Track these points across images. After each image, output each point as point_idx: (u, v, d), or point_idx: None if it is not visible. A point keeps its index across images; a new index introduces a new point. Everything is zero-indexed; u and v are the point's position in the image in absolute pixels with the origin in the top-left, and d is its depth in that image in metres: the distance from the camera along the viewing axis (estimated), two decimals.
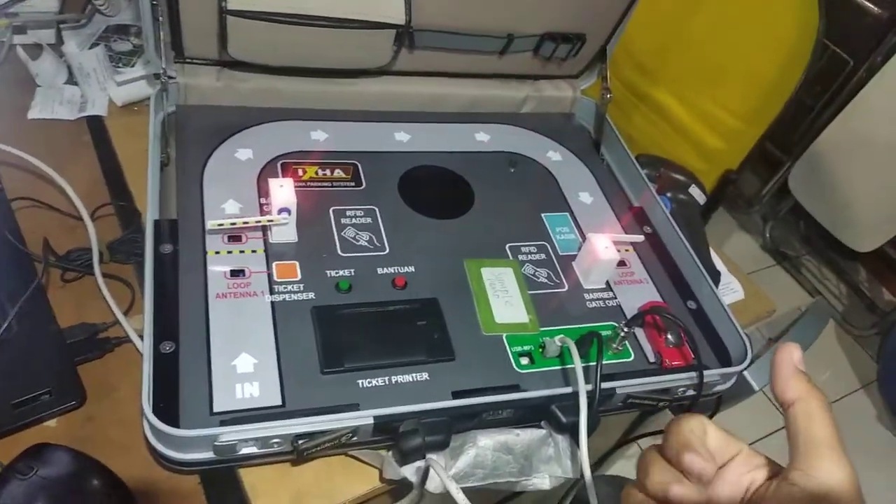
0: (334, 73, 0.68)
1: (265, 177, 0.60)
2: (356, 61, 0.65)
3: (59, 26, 0.73)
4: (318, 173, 0.63)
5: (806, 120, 1.69)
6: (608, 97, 0.74)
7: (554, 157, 0.74)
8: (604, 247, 0.60)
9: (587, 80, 0.79)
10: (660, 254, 0.67)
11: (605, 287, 0.62)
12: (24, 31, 0.72)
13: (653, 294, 0.63)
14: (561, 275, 0.61)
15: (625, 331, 0.56)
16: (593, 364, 0.50)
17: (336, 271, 0.55)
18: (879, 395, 1.67)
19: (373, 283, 0.56)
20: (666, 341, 0.58)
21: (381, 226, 0.60)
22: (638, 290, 0.63)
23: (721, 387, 0.59)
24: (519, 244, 0.63)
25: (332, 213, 0.60)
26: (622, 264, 0.64)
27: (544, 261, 0.62)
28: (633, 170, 0.73)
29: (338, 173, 0.64)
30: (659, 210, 0.69)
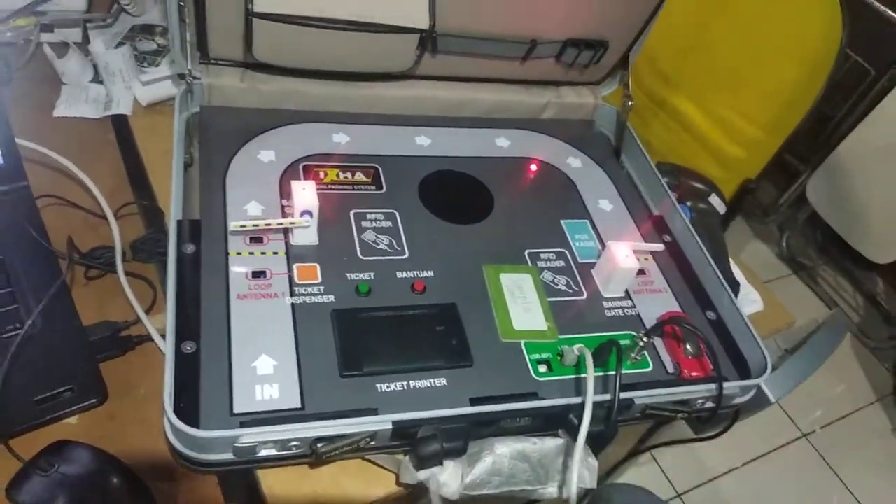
0: (357, 76, 0.68)
1: (287, 179, 0.60)
2: (379, 65, 0.65)
3: (86, 25, 0.74)
4: (340, 176, 0.63)
5: (825, 129, 1.68)
6: (630, 104, 0.74)
7: (574, 163, 0.73)
8: (624, 255, 0.59)
9: (608, 87, 0.79)
10: (679, 263, 0.67)
11: (624, 296, 0.61)
12: (51, 30, 0.73)
13: (672, 304, 0.63)
14: (580, 282, 0.61)
15: (644, 341, 0.55)
16: (612, 373, 0.50)
17: (356, 274, 0.56)
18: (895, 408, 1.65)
19: (392, 286, 0.56)
20: (685, 352, 0.57)
21: (401, 229, 0.60)
22: (657, 300, 0.62)
23: (740, 399, 0.59)
24: (538, 250, 0.63)
25: (352, 216, 0.60)
26: (641, 273, 0.63)
27: (563, 268, 0.62)
28: (654, 178, 0.72)
29: (359, 176, 0.64)
30: (679, 219, 0.69)
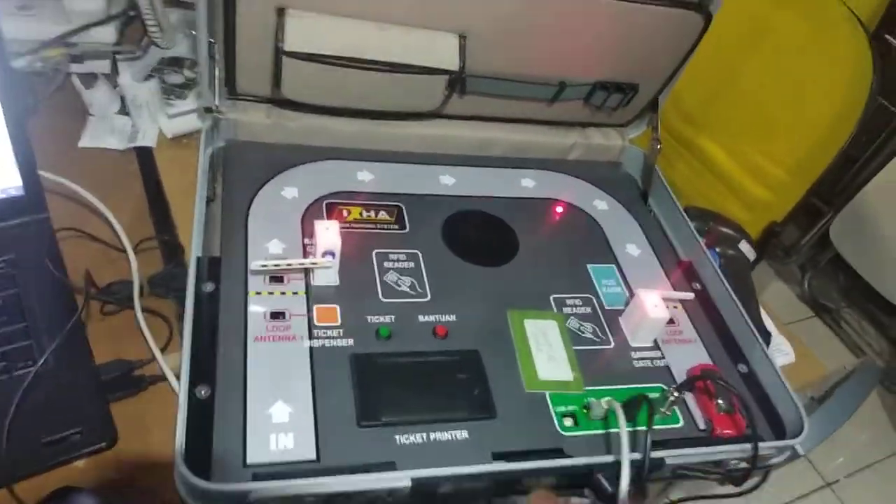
0: (383, 114, 0.67)
1: (310, 216, 0.59)
2: (407, 105, 0.65)
3: (115, 57, 0.74)
4: (363, 215, 0.62)
5: (850, 171, 1.66)
6: (658, 148, 0.72)
7: (600, 206, 0.72)
8: (653, 304, 0.57)
9: (636, 130, 0.78)
10: (709, 312, 0.65)
11: (652, 346, 0.59)
12: (80, 61, 0.73)
13: (702, 355, 0.60)
14: (607, 330, 0.59)
15: (675, 395, 0.53)
16: (641, 429, 0.48)
17: (377, 317, 0.54)
18: None
19: (413, 330, 0.54)
20: (717, 408, 0.55)
21: (424, 271, 0.59)
22: (687, 351, 0.60)
23: (775, 459, 0.56)
24: (564, 296, 0.61)
25: (374, 256, 0.59)
26: (671, 322, 0.61)
27: (590, 315, 0.60)
28: (682, 223, 0.70)
29: (382, 215, 0.63)
30: (709, 266, 0.67)
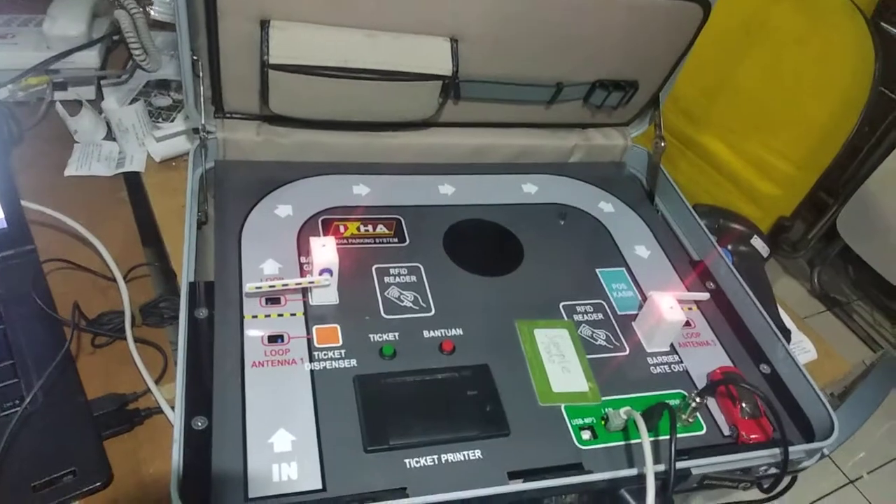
0: (377, 126, 0.65)
1: (305, 234, 0.57)
2: (401, 114, 0.63)
3: (100, 82, 0.73)
4: (360, 229, 0.60)
5: (854, 161, 1.63)
6: (662, 146, 0.70)
7: (606, 208, 0.69)
8: (668, 307, 0.55)
9: (638, 129, 0.76)
10: (726, 312, 0.62)
11: (669, 350, 0.57)
12: (64, 88, 0.72)
13: (722, 357, 0.58)
14: (621, 336, 0.57)
15: (696, 401, 0.50)
16: (663, 438, 0.46)
17: (379, 335, 0.52)
18: None
19: (419, 347, 0.52)
20: (742, 412, 0.52)
21: (427, 284, 0.57)
22: (705, 354, 0.58)
23: (806, 463, 0.53)
24: (573, 303, 0.58)
25: (374, 271, 0.56)
26: (687, 325, 0.59)
27: (602, 321, 0.58)
28: (692, 221, 0.68)
29: (380, 229, 0.60)
30: (723, 264, 0.64)
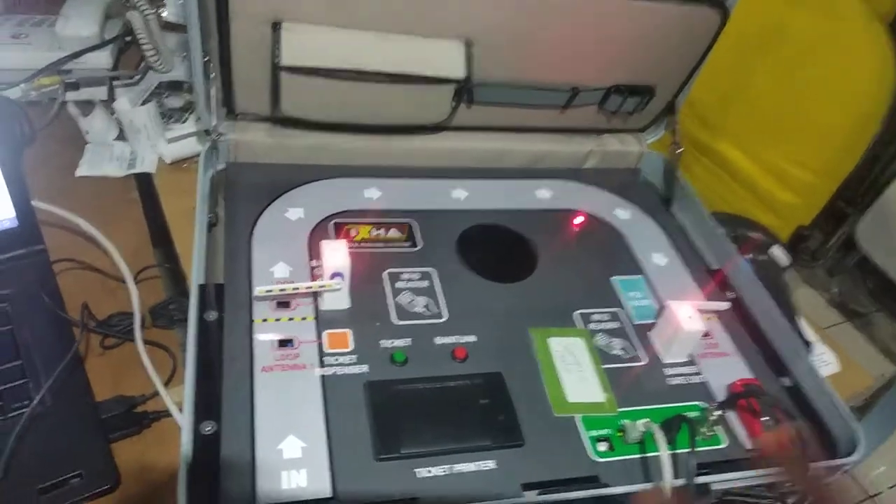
0: (389, 129, 0.64)
1: (316, 237, 0.56)
2: (413, 118, 0.62)
3: (112, 83, 0.72)
4: (372, 233, 0.59)
5: (873, 169, 1.61)
6: (679, 152, 0.69)
7: (622, 215, 0.68)
8: (687, 316, 0.53)
9: (654, 135, 0.74)
10: (746, 322, 0.60)
11: (687, 361, 0.55)
12: (76, 88, 0.72)
13: (741, 369, 0.56)
14: (637, 346, 0.55)
15: (716, 414, 0.49)
16: (682, 452, 0.45)
17: (391, 341, 0.51)
18: None
19: (430, 354, 0.51)
20: (763, 426, 0.50)
21: (439, 290, 0.56)
22: (724, 365, 0.56)
23: (829, 479, 0.52)
24: (589, 311, 0.57)
25: (386, 276, 0.56)
26: (705, 335, 0.57)
27: (618, 330, 0.56)
28: (711, 229, 0.67)
29: (392, 233, 0.60)
30: (743, 272, 0.63)
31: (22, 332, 0.51)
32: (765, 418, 0.51)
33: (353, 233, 0.58)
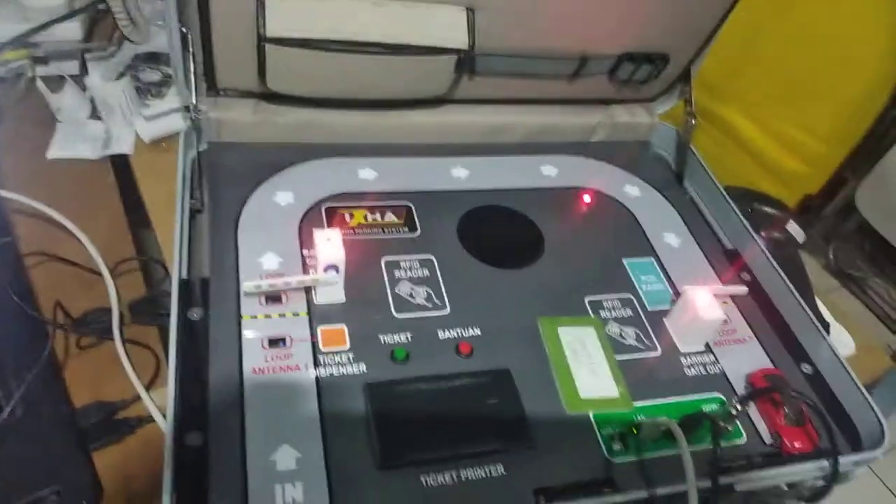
0: (384, 103, 0.60)
1: (308, 224, 0.53)
2: (411, 91, 0.58)
3: (84, 56, 0.67)
4: (367, 218, 0.55)
5: (874, 133, 1.57)
6: (693, 123, 0.65)
7: (632, 192, 0.65)
8: (705, 304, 0.50)
9: (665, 105, 0.70)
10: (762, 306, 0.58)
11: (704, 349, 0.52)
12: (45, 62, 0.67)
13: (760, 357, 0.53)
14: (651, 335, 0.52)
15: (737, 409, 0.46)
16: (701, 448, 0.43)
17: (390, 336, 0.47)
18: None
19: (433, 349, 0.47)
20: (785, 418, 0.48)
21: (441, 279, 0.52)
22: (743, 352, 0.53)
23: (854, 473, 0.49)
24: (600, 297, 0.54)
25: (383, 264, 0.52)
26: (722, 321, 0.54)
27: (631, 318, 0.53)
28: (725, 206, 0.63)
29: (389, 217, 0.56)
30: (759, 254, 0.60)
31: None
32: (787, 410, 0.48)
33: (347, 218, 0.55)
